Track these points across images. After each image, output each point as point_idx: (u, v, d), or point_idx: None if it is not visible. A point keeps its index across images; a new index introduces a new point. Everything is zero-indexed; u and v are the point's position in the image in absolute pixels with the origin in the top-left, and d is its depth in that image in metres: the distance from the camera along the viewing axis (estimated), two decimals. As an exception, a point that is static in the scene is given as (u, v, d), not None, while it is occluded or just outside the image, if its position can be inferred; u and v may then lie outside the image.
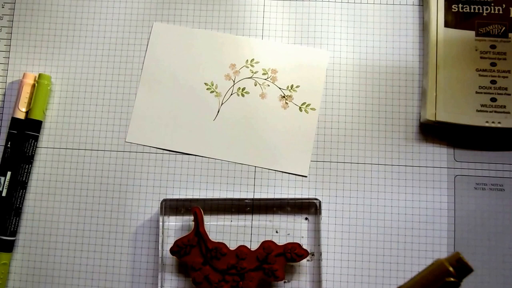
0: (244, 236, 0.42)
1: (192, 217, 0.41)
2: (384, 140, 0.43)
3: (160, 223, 0.41)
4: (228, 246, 0.40)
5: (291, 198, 0.41)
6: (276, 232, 0.42)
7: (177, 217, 0.42)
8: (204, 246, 0.39)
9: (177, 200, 0.42)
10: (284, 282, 0.41)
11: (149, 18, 0.46)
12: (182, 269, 0.41)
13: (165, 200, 0.41)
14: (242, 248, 0.39)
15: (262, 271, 0.38)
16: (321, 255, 0.40)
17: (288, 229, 0.42)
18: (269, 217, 0.42)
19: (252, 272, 0.38)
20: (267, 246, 0.39)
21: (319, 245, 0.40)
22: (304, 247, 0.40)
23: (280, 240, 0.41)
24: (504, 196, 0.42)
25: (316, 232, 0.41)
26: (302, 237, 0.41)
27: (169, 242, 0.41)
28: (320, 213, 0.41)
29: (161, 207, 0.41)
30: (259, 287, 0.39)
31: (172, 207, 0.42)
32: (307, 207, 0.42)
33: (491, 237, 0.41)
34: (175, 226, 0.42)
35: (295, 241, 0.40)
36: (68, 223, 0.43)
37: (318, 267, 0.40)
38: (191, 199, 0.42)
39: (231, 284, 0.38)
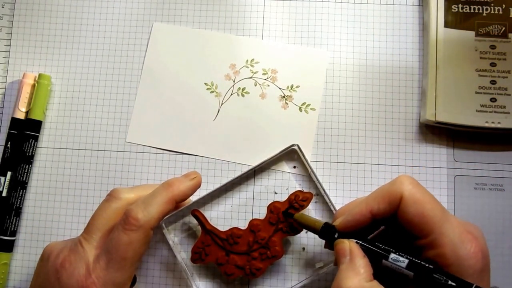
0: (252, 214, 0.41)
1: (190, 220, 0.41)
2: (384, 140, 0.43)
3: (170, 242, 0.41)
4: (239, 227, 0.40)
5: (271, 157, 0.41)
6: (275, 193, 0.42)
7: (177, 223, 0.42)
8: (219, 239, 0.39)
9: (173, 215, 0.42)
10: (306, 232, 0.41)
11: (149, 18, 0.46)
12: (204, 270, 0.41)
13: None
14: (253, 221, 0.39)
15: (280, 231, 0.39)
16: (324, 190, 0.41)
17: (284, 186, 0.42)
18: (264, 186, 0.43)
19: (272, 238, 0.38)
20: (274, 207, 0.39)
21: (318, 182, 0.41)
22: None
23: (282, 198, 0.41)
24: (504, 196, 0.42)
25: (310, 174, 0.42)
26: (300, 185, 0.42)
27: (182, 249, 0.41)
28: (303, 155, 0.41)
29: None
30: (285, 246, 0.40)
31: (171, 222, 0.42)
32: (291, 158, 0.42)
33: (491, 237, 0.41)
34: (178, 228, 0.42)
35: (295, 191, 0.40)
36: (69, 223, 0.43)
37: (326, 203, 0.41)
38: (186, 207, 0.41)
39: (260, 258, 0.38)
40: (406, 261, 0.31)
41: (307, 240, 0.42)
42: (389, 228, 0.35)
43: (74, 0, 0.46)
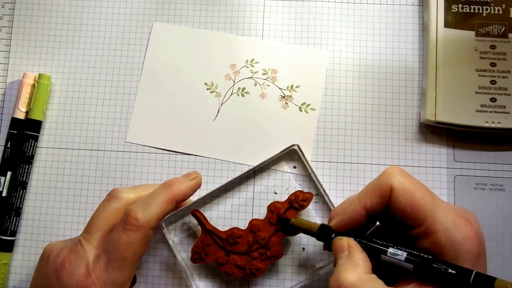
0: (252, 214, 0.41)
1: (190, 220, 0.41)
2: (384, 140, 0.43)
3: (170, 242, 0.41)
4: (240, 227, 0.40)
5: (271, 157, 0.41)
6: (275, 193, 0.42)
7: (178, 222, 0.42)
8: (219, 239, 0.39)
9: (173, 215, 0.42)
10: None
11: (149, 18, 0.46)
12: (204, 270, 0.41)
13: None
14: (253, 221, 0.39)
15: (280, 232, 0.38)
16: (324, 190, 0.40)
17: (283, 186, 0.42)
18: (264, 186, 0.42)
19: (272, 238, 0.38)
20: (274, 207, 0.39)
21: (318, 182, 0.41)
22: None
23: (282, 198, 0.41)
24: (504, 196, 0.42)
25: (310, 174, 0.41)
26: (300, 185, 0.42)
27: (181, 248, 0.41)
28: (303, 155, 0.41)
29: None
30: (285, 246, 0.40)
31: (171, 221, 0.42)
32: (291, 158, 0.42)
33: (491, 237, 0.41)
34: (177, 227, 0.42)
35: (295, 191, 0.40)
36: (69, 223, 0.43)
37: (326, 203, 0.41)
38: (186, 207, 0.41)
39: (260, 258, 0.38)
40: (405, 254, 0.30)
41: (307, 240, 0.42)
42: (384, 224, 0.35)
43: (74, 0, 0.46)
